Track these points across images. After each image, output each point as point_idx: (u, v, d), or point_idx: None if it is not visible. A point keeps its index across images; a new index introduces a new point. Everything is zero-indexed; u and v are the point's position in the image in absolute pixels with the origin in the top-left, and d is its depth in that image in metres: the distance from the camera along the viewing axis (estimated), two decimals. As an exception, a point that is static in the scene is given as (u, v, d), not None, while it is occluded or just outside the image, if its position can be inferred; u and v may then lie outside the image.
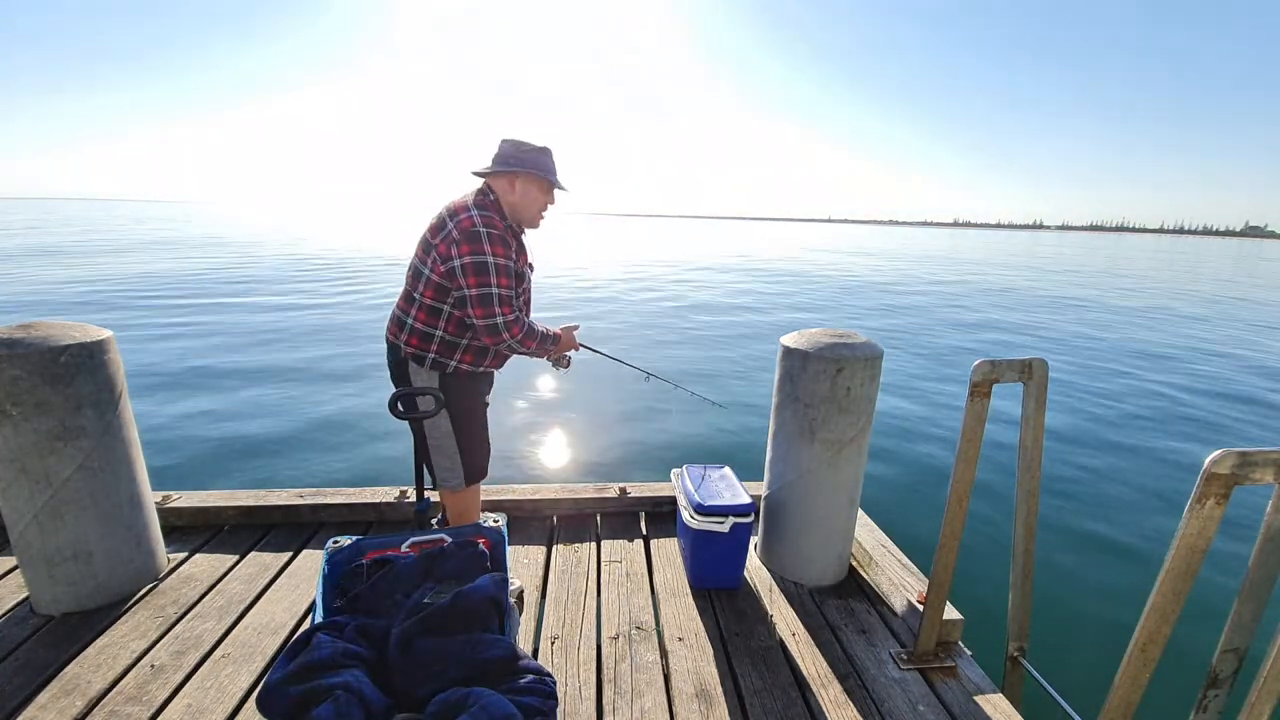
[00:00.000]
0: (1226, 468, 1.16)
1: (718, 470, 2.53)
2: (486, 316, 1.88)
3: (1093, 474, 4.93)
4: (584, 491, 2.86)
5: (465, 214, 1.88)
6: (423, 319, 1.95)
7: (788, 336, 2.33)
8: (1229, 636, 1.27)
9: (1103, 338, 11.04)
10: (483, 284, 1.85)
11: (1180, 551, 1.23)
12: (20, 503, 1.92)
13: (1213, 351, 10.07)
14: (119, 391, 2.07)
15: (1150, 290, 20.35)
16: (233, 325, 9.59)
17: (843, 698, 1.81)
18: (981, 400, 1.73)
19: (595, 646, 1.99)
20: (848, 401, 2.16)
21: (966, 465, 1.78)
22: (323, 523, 2.69)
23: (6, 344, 1.83)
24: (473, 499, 2.23)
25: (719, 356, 8.66)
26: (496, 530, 1.85)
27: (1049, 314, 13.92)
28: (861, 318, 12.48)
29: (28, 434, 1.87)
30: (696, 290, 16.08)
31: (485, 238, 1.85)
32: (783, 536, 2.40)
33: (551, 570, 2.40)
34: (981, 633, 2.25)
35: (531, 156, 1.96)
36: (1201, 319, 13.99)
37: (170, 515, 2.57)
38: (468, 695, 1.29)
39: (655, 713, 1.73)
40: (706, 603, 2.24)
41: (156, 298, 11.85)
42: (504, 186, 1.98)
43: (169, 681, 1.77)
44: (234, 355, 7.73)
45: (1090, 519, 4.19)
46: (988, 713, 1.77)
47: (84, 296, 11.71)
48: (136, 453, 2.17)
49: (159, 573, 2.27)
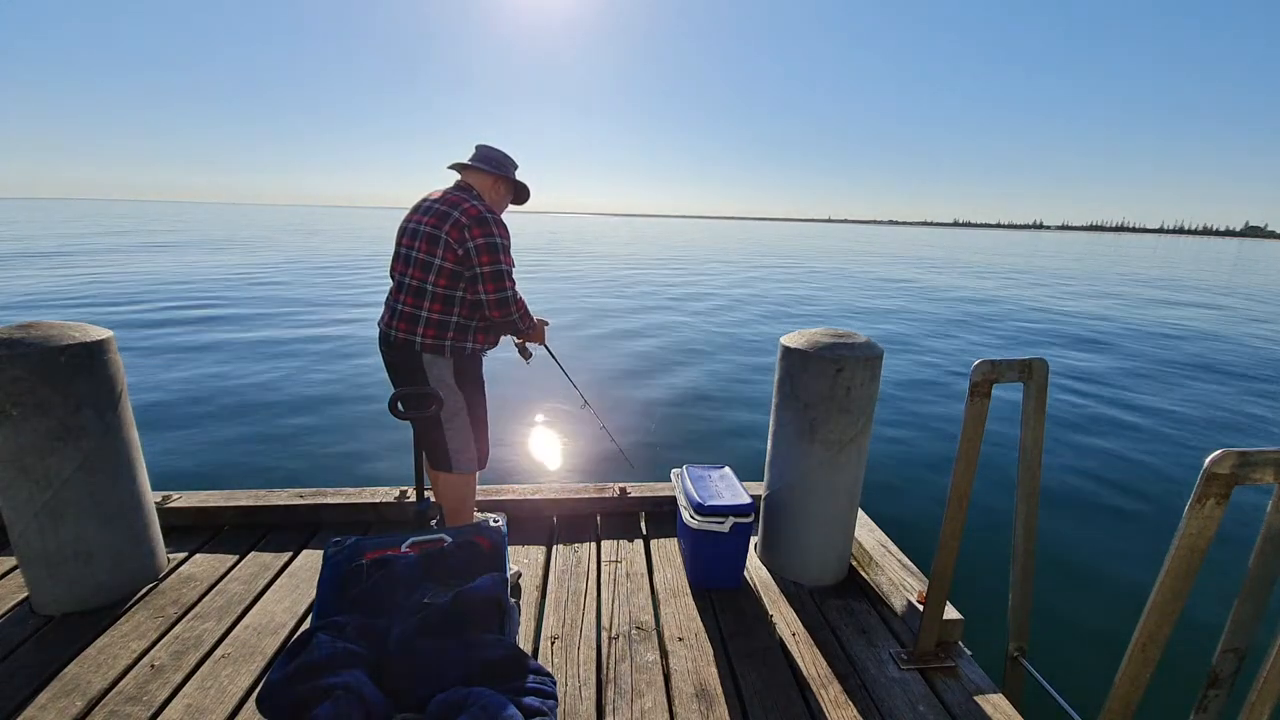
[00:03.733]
0: (1226, 467, 1.16)
1: (718, 470, 2.53)
2: (498, 290, 2.05)
3: (1093, 474, 4.93)
4: (584, 491, 2.86)
5: (468, 203, 2.04)
6: (438, 309, 2.07)
7: (788, 336, 2.32)
8: (1229, 636, 1.27)
9: (1119, 329, 11.08)
10: (494, 262, 2.03)
11: (1180, 551, 1.23)
12: (20, 503, 1.92)
13: (1226, 348, 10.07)
14: (119, 391, 2.07)
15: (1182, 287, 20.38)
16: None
17: (843, 698, 1.81)
18: (981, 400, 1.73)
19: (595, 646, 1.99)
20: (848, 401, 2.16)
21: (966, 465, 1.78)
22: (322, 523, 2.69)
23: (6, 344, 1.83)
24: (471, 490, 2.31)
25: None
26: (497, 530, 1.85)
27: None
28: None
29: (28, 434, 1.87)
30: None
31: (492, 222, 2.03)
32: (783, 536, 2.40)
33: (551, 570, 2.41)
34: (981, 633, 2.25)
35: (512, 165, 2.24)
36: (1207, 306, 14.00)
37: (170, 515, 2.58)
38: (467, 695, 1.29)
39: (655, 713, 1.73)
40: (706, 603, 2.24)
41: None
42: (487, 185, 2.18)
43: (169, 681, 1.77)
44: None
45: (1090, 518, 4.19)
46: (988, 713, 1.77)
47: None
48: (136, 453, 2.17)
49: (159, 573, 2.27)
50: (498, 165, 2.18)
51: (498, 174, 2.18)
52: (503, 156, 2.21)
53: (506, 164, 2.21)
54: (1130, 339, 10.96)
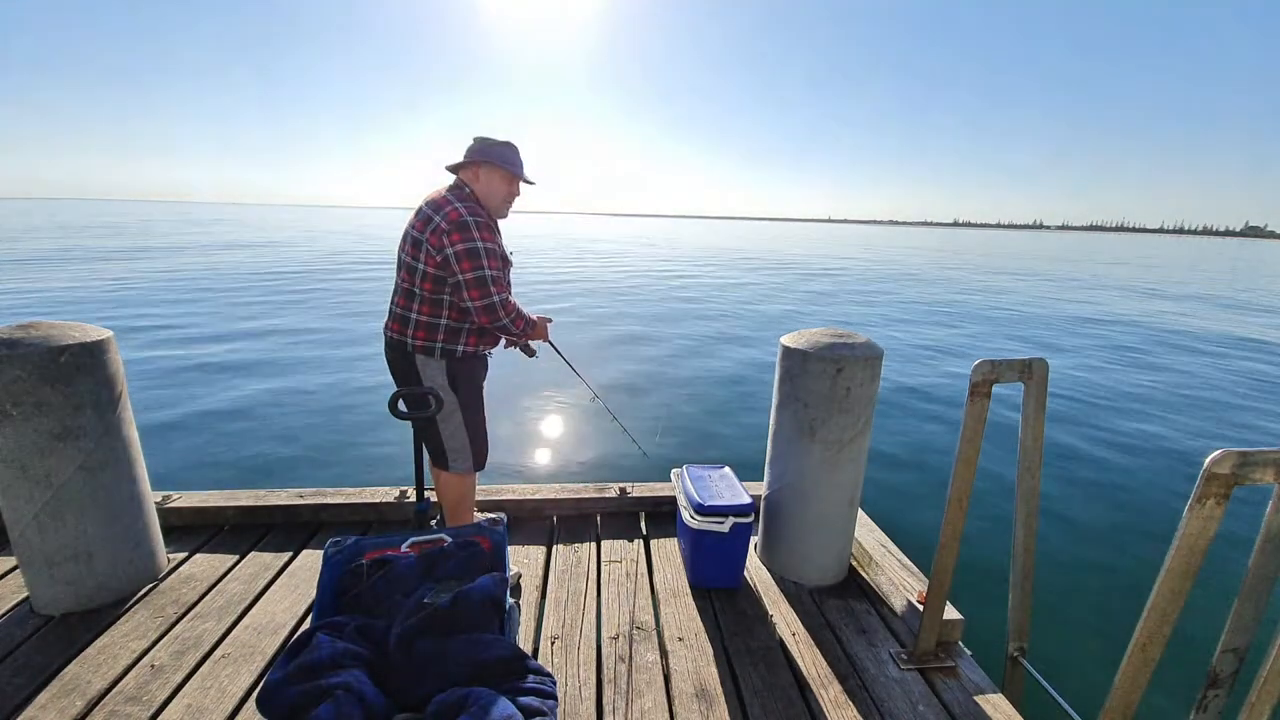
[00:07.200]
0: (1227, 468, 1.16)
1: (718, 470, 2.53)
2: (483, 297, 2.00)
3: (1093, 474, 4.93)
4: (584, 491, 2.86)
5: (449, 206, 1.99)
6: (426, 311, 2.05)
7: (788, 336, 2.32)
8: (1229, 636, 1.27)
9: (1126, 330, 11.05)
10: (475, 268, 1.97)
11: (1180, 551, 1.23)
12: (20, 503, 1.92)
13: (1226, 350, 10.07)
14: (119, 391, 2.07)
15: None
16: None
17: (843, 698, 1.81)
18: (981, 400, 1.73)
19: (595, 646, 1.99)
20: (848, 401, 2.16)
21: (966, 465, 1.78)
22: (323, 523, 2.69)
23: (7, 344, 1.83)
24: (470, 490, 2.31)
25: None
26: (497, 530, 1.85)
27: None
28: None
29: (28, 434, 1.87)
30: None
31: (473, 225, 1.97)
32: (783, 536, 2.39)
33: (551, 570, 2.40)
34: (981, 633, 2.25)
35: (496, 150, 2.11)
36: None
37: (170, 515, 2.57)
38: (467, 695, 1.29)
39: (655, 713, 1.73)
40: (706, 603, 2.24)
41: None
42: (470, 177, 2.12)
43: (169, 681, 1.77)
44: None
45: (1091, 519, 4.19)
46: (988, 713, 1.77)
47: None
48: (136, 453, 2.17)
49: (159, 573, 2.27)
50: (476, 153, 2.10)
51: (478, 161, 2.08)
52: (486, 144, 2.12)
53: (485, 150, 2.10)
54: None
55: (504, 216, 2.18)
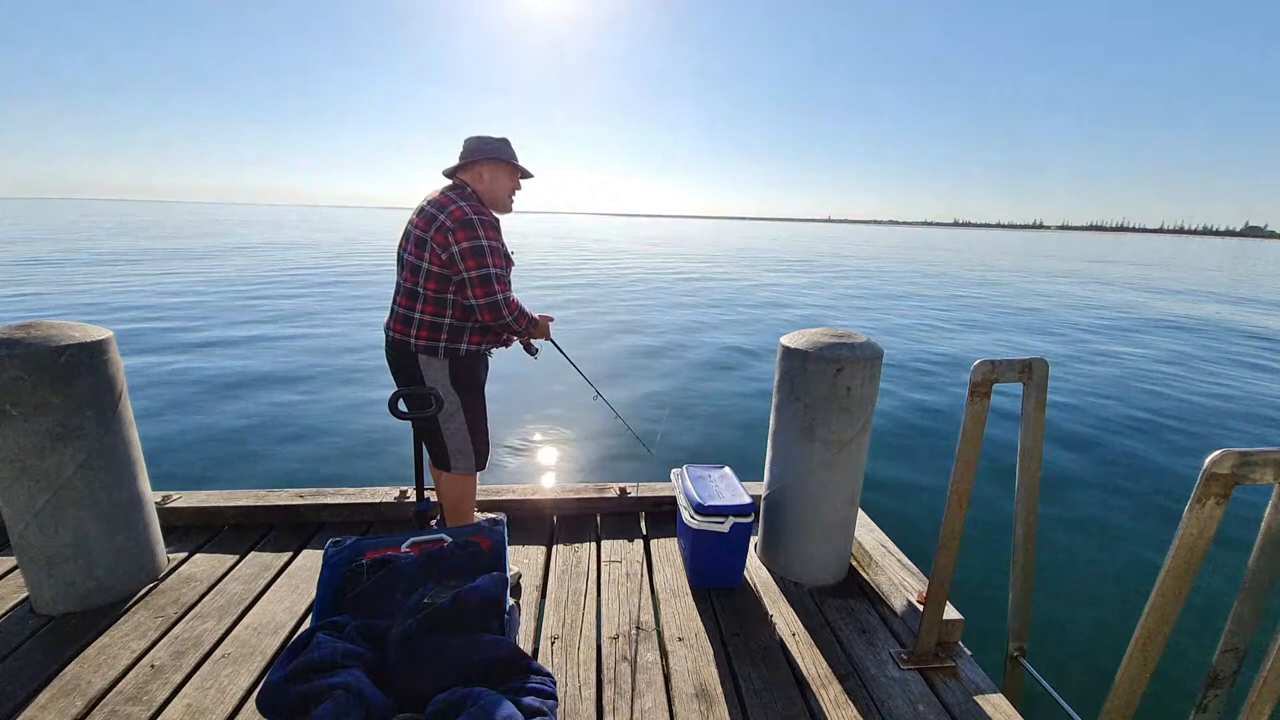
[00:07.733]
0: (1227, 468, 1.16)
1: (718, 470, 2.52)
2: (487, 295, 2.00)
3: (1093, 474, 4.93)
4: (584, 491, 2.86)
5: (454, 205, 1.99)
6: (430, 311, 2.05)
7: (788, 336, 2.32)
8: (1229, 636, 1.27)
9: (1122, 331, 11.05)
10: (480, 266, 1.98)
11: (1180, 551, 1.23)
12: (20, 503, 1.92)
13: (1223, 356, 10.06)
14: (119, 391, 2.07)
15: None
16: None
17: (843, 698, 1.81)
18: (981, 400, 1.73)
19: (595, 646, 1.99)
20: (848, 401, 2.16)
21: (966, 465, 1.78)
22: (323, 523, 2.69)
23: (6, 344, 1.83)
24: (471, 490, 2.31)
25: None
26: (497, 530, 1.85)
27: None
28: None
29: (28, 434, 1.87)
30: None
31: (478, 224, 1.98)
32: (783, 536, 2.39)
33: (551, 570, 2.40)
34: (981, 633, 2.25)
35: (493, 146, 2.13)
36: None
37: (170, 515, 2.57)
38: (467, 695, 1.29)
39: (655, 713, 1.73)
40: (706, 603, 2.24)
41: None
42: (473, 177, 2.13)
43: (169, 681, 1.77)
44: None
45: (1091, 519, 4.19)
46: (988, 713, 1.77)
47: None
48: (137, 453, 2.17)
49: (159, 573, 2.27)
50: (479, 152, 2.11)
51: (482, 160, 2.10)
52: (480, 142, 2.13)
53: (484, 148, 2.11)
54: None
55: (509, 211, 2.22)
